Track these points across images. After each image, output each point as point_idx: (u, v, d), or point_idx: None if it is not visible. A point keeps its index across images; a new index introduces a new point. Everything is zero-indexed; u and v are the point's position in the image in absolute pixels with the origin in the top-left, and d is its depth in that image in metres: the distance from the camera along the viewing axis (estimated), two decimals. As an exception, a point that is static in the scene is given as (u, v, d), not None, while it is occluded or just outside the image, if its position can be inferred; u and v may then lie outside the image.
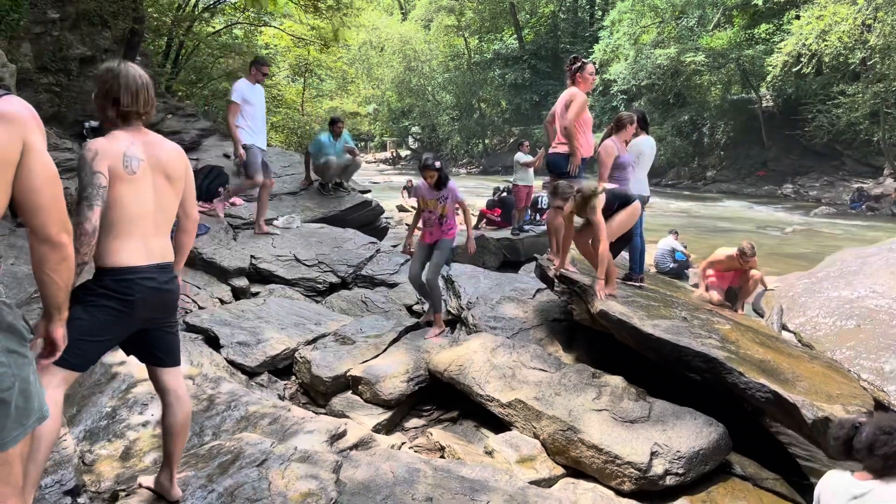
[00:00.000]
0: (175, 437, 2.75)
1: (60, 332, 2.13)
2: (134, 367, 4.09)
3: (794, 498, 4.15)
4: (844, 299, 7.25)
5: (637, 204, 5.71)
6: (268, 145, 8.87)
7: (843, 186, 27.38)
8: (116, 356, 4.16)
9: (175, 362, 2.79)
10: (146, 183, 2.56)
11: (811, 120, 26.80)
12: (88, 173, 2.40)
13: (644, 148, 6.50)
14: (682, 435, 4.12)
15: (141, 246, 2.54)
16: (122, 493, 3.07)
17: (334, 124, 10.35)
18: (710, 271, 7.48)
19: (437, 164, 5.59)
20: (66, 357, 2.27)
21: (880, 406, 5.35)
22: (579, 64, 6.10)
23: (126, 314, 2.51)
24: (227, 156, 11.35)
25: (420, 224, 5.97)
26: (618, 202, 5.63)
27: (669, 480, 3.91)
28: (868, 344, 6.50)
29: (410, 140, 53.68)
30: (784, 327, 7.32)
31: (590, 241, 5.60)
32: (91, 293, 2.47)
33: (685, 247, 11.30)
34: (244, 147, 7.67)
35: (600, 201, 5.39)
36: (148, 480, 2.93)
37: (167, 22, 15.20)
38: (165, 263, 2.63)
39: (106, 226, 2.46)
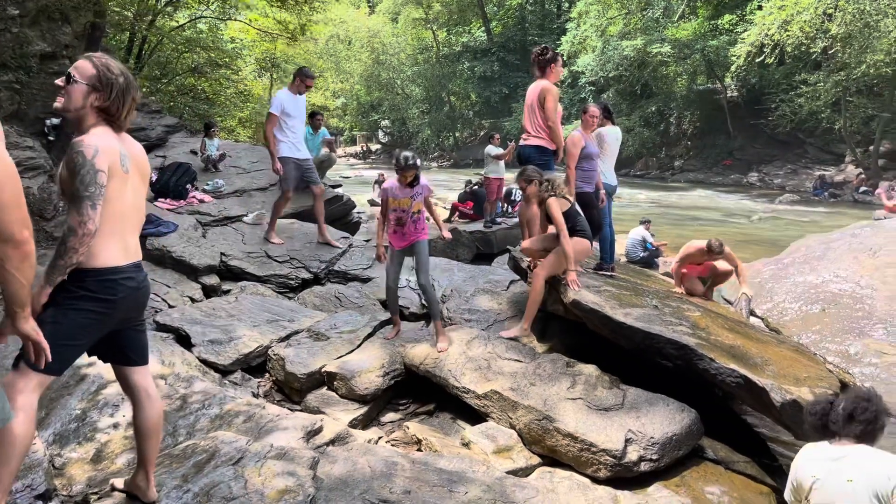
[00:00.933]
0: (148, 438, 2.71)
1: (29, 326, 2.11)
2: (103, 368, 4.02)
3: (763, 479, 4.23)
4: (809, 284, 7.41)
5: (586, 242, 5.65)
6: (235, 141, 8.77)
7: (807, 174, 27.90)
8: (85, 358, 4.08)
9: (145, 361, 2.75)
10: (131, 182, 2.53)
11: (774, 109, 27.23)
12: (91, 171, 2.32)
13: (608, 138, 6.56)
14: (656, 421, 4.17)
15: (122, 245, 2.51)
16: (94, 497, 3.02)
17: (313, 118, 10.29)
18: (683, 270, 7.35)
19: (419, 162, 5.20)
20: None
21: (846, 388, 5.48)
22: (550, 55, 6.11)
23: (107, 316, 2.47)
24: (193, 152, 11.20)
25: (390, 227, 5.38)
26: (582, 202, 5.75)
27: (644, 466, 3.97)
28: (833, 327, 6.66)
29: (380, 134, 53.44)
30: (752, 313, 7.45)
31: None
32: (71, 295, 2.40)
33: (654, 236, 11.45)
34: (281, 160, 7.42)
35: (563, 203, 5.42)
36: (120, 483, 2.89)
37: (129, 16, 14.91)
38: (140, 262, 2.61)
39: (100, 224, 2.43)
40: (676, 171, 33.36)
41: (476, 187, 13.73)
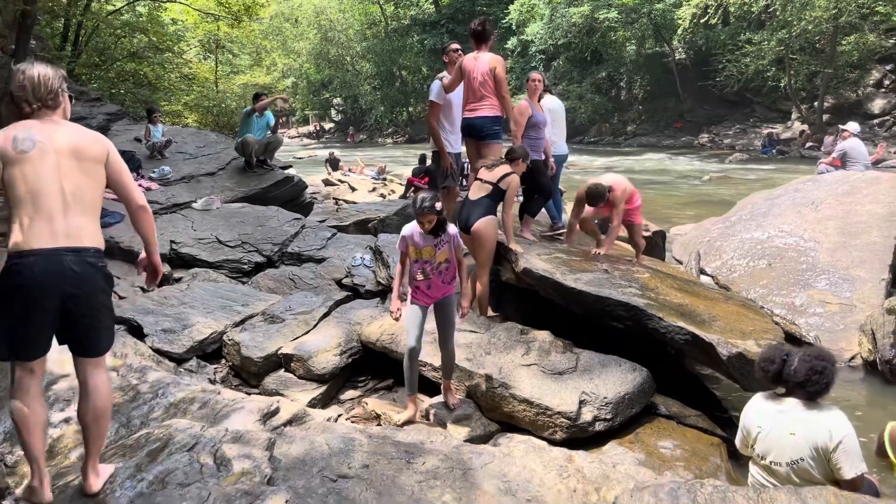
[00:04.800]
0: (87, 429, 2.74)
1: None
2: (53, 364, 3.95)
3: (714, 431, 4.37)
4: (756, 240, 7.60)
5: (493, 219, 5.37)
6: (182, 125, 8.58)
7: (755, 133, 28.49)
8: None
9: (89, 354, 2.71)
10: (40, 164, 2.55)
11: (722, 70, 27.68)
12: None
13: (553, 106, 6.61)
14: (609, 382, 4.27)
15: (38, 229, 2.52)
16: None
17: (257, 99, 10.14)
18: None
19: (438, 205, 4.02)
20: (3, 351, 2.56)
21: (790, 338, 5.68)
22: (489, 27, 6.09)
23: (25, 297, 2.50)
24: (138, 140, 10.94)
25: (414, 279, 4.28)
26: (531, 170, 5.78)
27: (598, 426, 4.07)
28: (779, 281, 6.86)
29: (333, 112, 52.84)
30: (702, 271, 7.64)
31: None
32: None
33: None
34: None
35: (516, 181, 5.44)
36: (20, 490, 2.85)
37: (62, 1, 14.41)
38: (80, 247, 2.59)
39: (10, 209, 2.52)
40: (629, 136, 33.75)
41: (431, 163, 13.70)
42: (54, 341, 2.69)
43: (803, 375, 3.10)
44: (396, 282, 4.41)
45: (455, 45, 6.54)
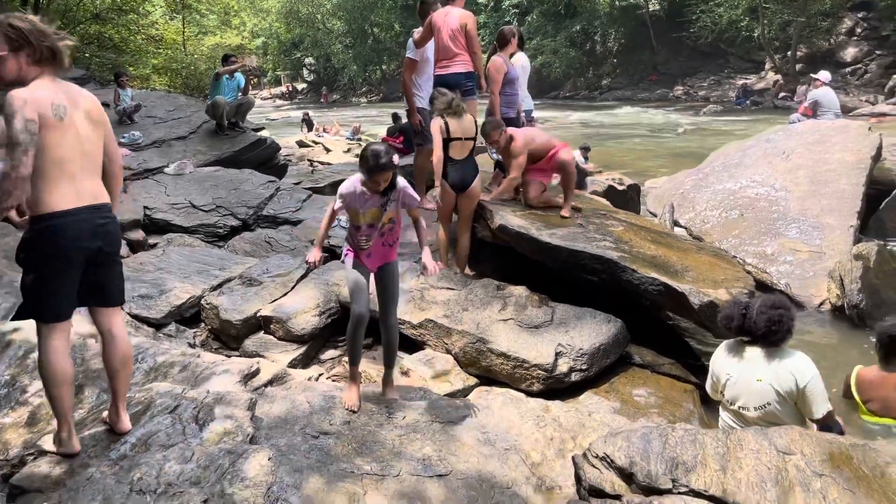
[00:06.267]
0: (115, 374, 2.91)
1: None
2: (30, 332, 3.94)
3: (687, 378, 4.50)
4: (728, 191, 7.70)
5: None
6: (151, 89, 8.43)
7: (730, 84, 28.55)
8: (7, 325, 4.00)
9: (115, 302, 2.94)
10: (72, 130, 2.65)
11: (696, 21, 27.55)
12: (21, 120, 2.48)
13: (523, 62, 6.61)
14: (584, 333, 4.36)
15: (70, 190, 2.64)
16: (31, 458, 3.02)
17: (227, 60, 9.97)
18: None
19: (396, 158, 3.38)
20: (40, 313, 2.67)
21: (761, 286, 5.80)
22: None
23: (63, 257, 2.64)
24: (106, 104, 10.65)
25: (357, 244, 3.60)
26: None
27: (574, 377, 4.17)
28: (751, 230, 6.98)
29: (305, 72, 51.94)
30: (676, 223, 7.73)
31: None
32: (28, 246, 2.65)
33: (586, 161, 11.64)
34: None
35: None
36: (48, 443, 2.92)
37: (19, -39, 13.94)
38: (99, 204, 2.75)
39: (36, 173, 2.56)
40: (604, 90, 33.66)
41: (405, 122, 13.58)
42: None
43: (763, 327, 3.21)
44: (321, 232, 3.77)
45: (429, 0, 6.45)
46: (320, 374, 4.42)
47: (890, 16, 24.88)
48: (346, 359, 4.58)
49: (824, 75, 9.91)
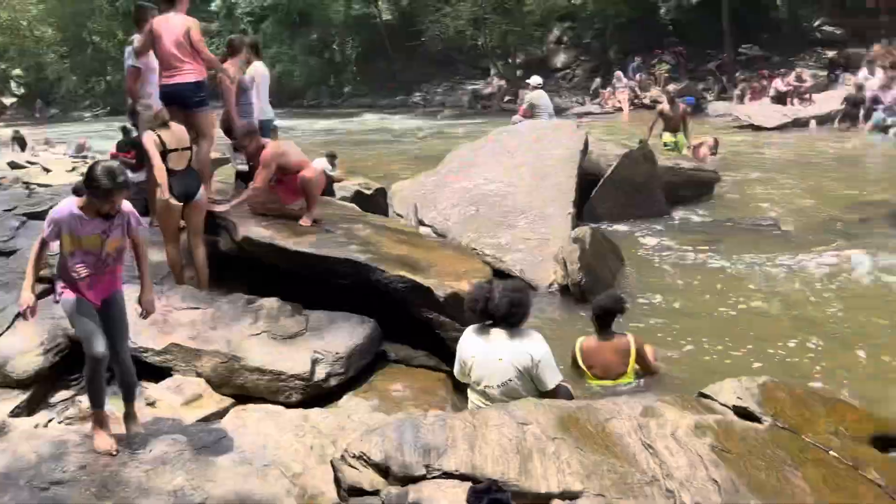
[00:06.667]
0: None
1: None
2: None
3: (440, 367, 4.73)
4: (465, 189, 8.24)
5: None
6: None
7: (461, 90, 30.56)
8: None
9: None
10: None
11: (426, 30, 29.09)
12: None
13: (262, 71, 6.51)
14: (339, 337, 4.41)
15: None
16: None
17: None
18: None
19: (129, 175, 3.26)
20: None
21: (499, 273, 6.29)
22: None
23: None
24: None
25: (74, 274, 3.23)
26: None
27: (333, 381, 4.20)
28: (487, 224, 7.55)
29: (13, 85, 45.97)
30: (421, 222, 8.10)
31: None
32: None
33: (334, 168, 11.69)
34: None
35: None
36: None
37: None
38: None
39: None
40: (346, 98, 34.22)
41: (136, 135, 12.63)
42: None
43: (505, 308, 3.54)
44: (30, 269, 3.29)
45: (146, 5, 6.03)
46: (49, 420, 3.95)
47: (590, 26, 28.33)
48: (79, 398, 4.16)
49: (535, 79, 11.04)
